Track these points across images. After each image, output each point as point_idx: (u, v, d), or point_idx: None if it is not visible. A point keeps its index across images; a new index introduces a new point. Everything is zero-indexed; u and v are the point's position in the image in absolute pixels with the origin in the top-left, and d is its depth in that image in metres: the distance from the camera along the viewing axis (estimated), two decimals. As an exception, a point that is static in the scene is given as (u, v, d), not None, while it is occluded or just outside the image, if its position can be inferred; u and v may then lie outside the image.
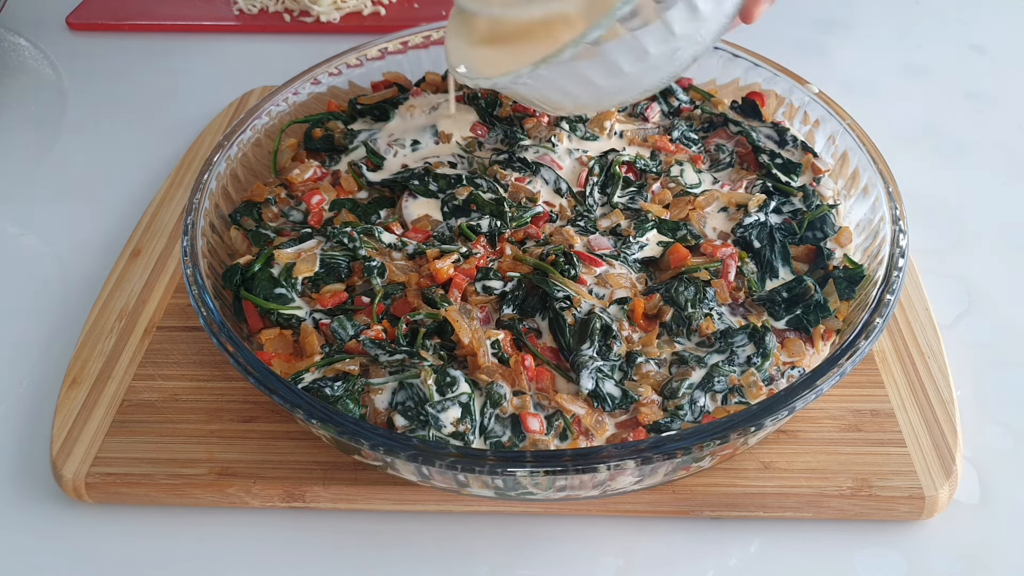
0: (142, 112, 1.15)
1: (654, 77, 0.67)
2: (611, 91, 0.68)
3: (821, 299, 0.71)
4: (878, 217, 0.75)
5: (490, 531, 0.67)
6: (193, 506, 0.68)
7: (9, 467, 0.72)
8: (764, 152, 0.85)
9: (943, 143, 1.05)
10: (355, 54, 0.96)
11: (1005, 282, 0.86)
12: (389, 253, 0.76)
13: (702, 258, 0.75)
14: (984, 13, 1.30)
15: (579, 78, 0.65)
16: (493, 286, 0.71)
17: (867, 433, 0.69)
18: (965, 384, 0.76)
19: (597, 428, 0.64)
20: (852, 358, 0.61)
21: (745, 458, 0.68)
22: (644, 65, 0.64)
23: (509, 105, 0.92)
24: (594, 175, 0.83)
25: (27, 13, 1.36)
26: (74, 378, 0.76)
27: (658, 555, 0.65)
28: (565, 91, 0.68)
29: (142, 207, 0.96)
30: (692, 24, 0.63)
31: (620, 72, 0.64)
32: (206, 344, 0.78)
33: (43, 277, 0.90)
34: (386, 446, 0.57)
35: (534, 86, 0.67)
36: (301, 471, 0.68)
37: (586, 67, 0.64)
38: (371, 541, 0.67)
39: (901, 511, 0.66)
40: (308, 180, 0.85)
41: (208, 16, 1.33)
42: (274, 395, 0.60)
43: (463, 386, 0.64)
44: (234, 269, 0.73)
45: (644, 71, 0.65)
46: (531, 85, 0.66)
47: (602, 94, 0.69)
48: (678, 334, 0.70)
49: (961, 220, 0.93)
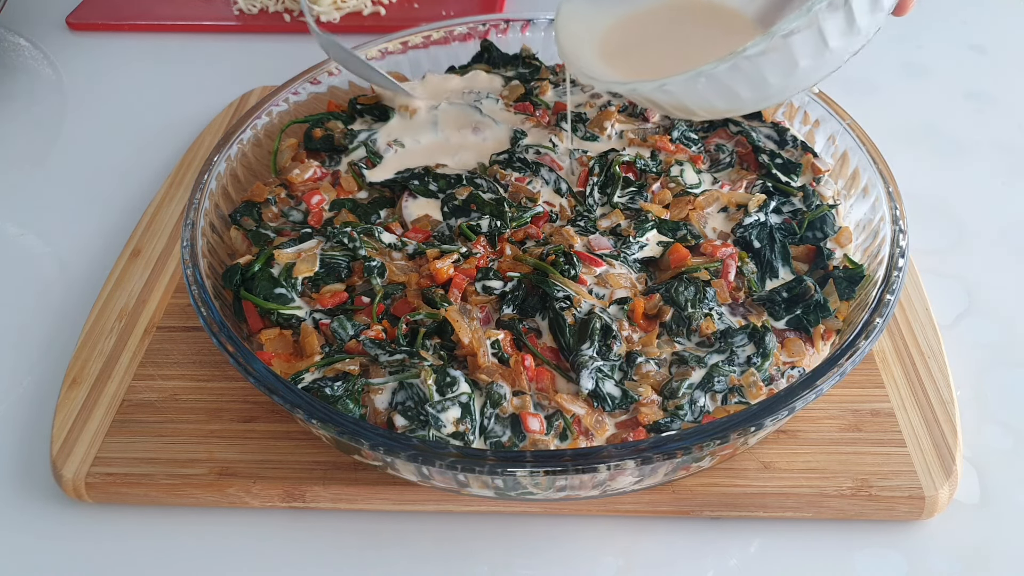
0: (142, 112, 1.15)
1: (818, 74, 0.63)
2: (768, 94, 0.64)
3: (821, 299, 0.71)
4: (878, 217, 0.75)
5: (490, 531, 0.67)
6: (193, 506, 0.68)
7: (9, 467, 0.72)
8: (764, 152, 0.85)
9: (943, 143, 1.05)
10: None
11: (1005, 282, 0.86)
12: (389, 253, 0.76)
13: (702, 258, 0.75)
14: (984, 13, 1.30)
15: (753, 78, 0.61)
16: (493, 286, 0.71)
17: (867, 433, 0.69)
18: (965, 384, 0.76)
19: (597, 428, 0.64)
20: (852, 358, 0.61)
21: (745, 458, 0.68)
22: (819, 60, 0.60)
23: (510, 105, 0.92)
24: (594, 175, 0.83)
25: (27, 13, 1.37)
26: (74, 378, 0.76)
27: (658, 555, 0.65)
28: (718, 96, 0.63)
29: (142, 207, 0.96)
30: (871, 16, 0.59)
31: (796, 69, 0.60)
32: (206, 344, 0.78)
33: (43, 277, 0.90)
34: (386, 446, 0.57)
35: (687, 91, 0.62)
36: (301, 471, 0.68)
37: (767, 64, 0.59)
38: (371, 541, 0.67)
39: (901, 511, 0.66)
40: (308, 180, 0.85)
41: (208, 16, 1.33)
42: (274, 395, 0.60)
43: (463, 386, 0.64)
44: (234, 269, 0.73)
45: (816, 67, 0.61)
46: (687, 89, 0.62)
47: (758, 98, 0.64)
48: (678, 334, 0.70)
49: (961, 220, 0.93)
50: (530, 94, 0.94)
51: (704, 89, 0.62)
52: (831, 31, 0.58)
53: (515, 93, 0.94)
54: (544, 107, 0.92)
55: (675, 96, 0.64)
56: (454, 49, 1.01)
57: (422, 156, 0.87)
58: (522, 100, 0.93)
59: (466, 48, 1.01)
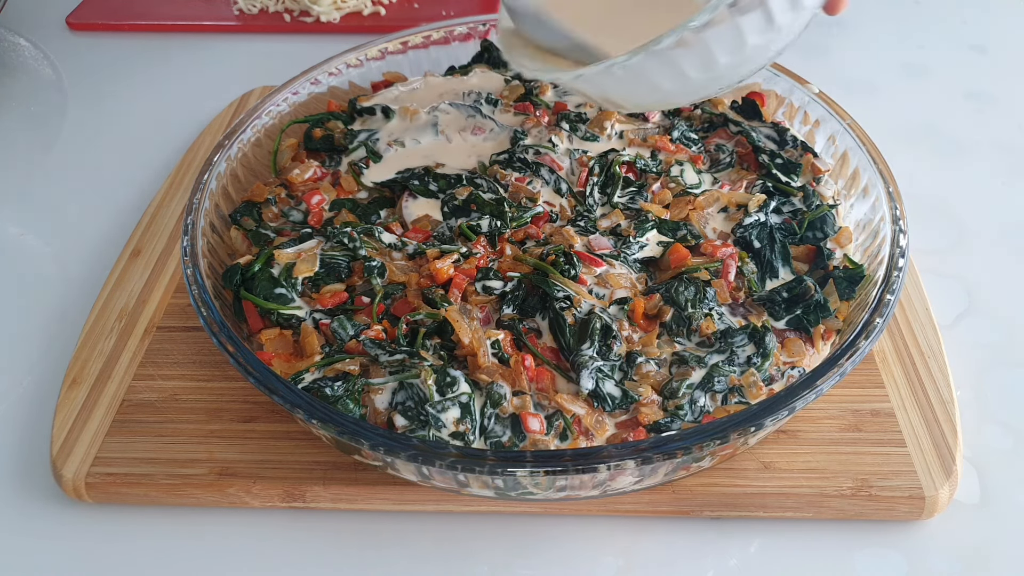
0: (142, 112, 1.15)
1: (742, 71, 0.62)
2: (691, 88, 0.63)
3: (821, 299, 0.71)
4: (878, 217, 0.75)
5: (490, 531, 0.67)
6: (193, 506, 0.68)
7: (9, 467, 0.72)
8: (764, 152, 0.85)
9: (943, 143, 1.05)
10: (355, 54, 0.96)
11: (1005, 282, 0.86)
12: (389, 253, 0.76)
13: (702, 258, 0.75)
14: (984, 13, 1.30)
15: (669, 71, 0.60)
16: (493, 286, 0.71)
17: (867, 433, 0.69)
18: (965, 384, 0.76)
19: (597, 428, 0.64)
20: (852, 358, 0.61)
21: (745, 458, 0.68)
22: (739, 57, 0.60)
23: (510, 105, 0.92)
24: (594, 175, 0.83)
25: (27, 13, 1.36)
26: (74, 378, 0.76)
27: (658, 555, 0.65)
28: (640, 88, 0.63)
29: (142, 207, 0.96)
30: (791, 14, 0.58)
31: (714, 65, 0.59)
32: (206, 344, 0.78)
33: (43, 277, 0.90)
34: (386, 446, 0.57)
35: (607, 81, 0.62)
36: (301, 471, 0.68)
37: (682, 57, 0.58)
38: (371, 541, 0.67)
39: (901, 511, 0.66)
40: (308, 180, 0.85)
41: (208, 16, 1.33)
42: (274, 395, 0.60)
43: (463, 386, 0.64)
44: (234, 269, 0.73)
45: (737, 64, 0.60)
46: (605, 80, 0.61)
47: (681, 91, 0.64)
48: (678, 334, 0.70)
49: (961, 220, 0.93)
50: (530, 94, 0.94)
51: (623, 79, 0.61)
52: (749, 28, 0.57)
53: (515, 93, 0.94)
54: (544, 107, 0.92)
55: (596, 86, 0.63)
56: (454, 49, 1.01)
57: (422, 156, 0.87)
58: (522, 100, 0.93)
59: (466, 48, 1.01)
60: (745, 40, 0.57)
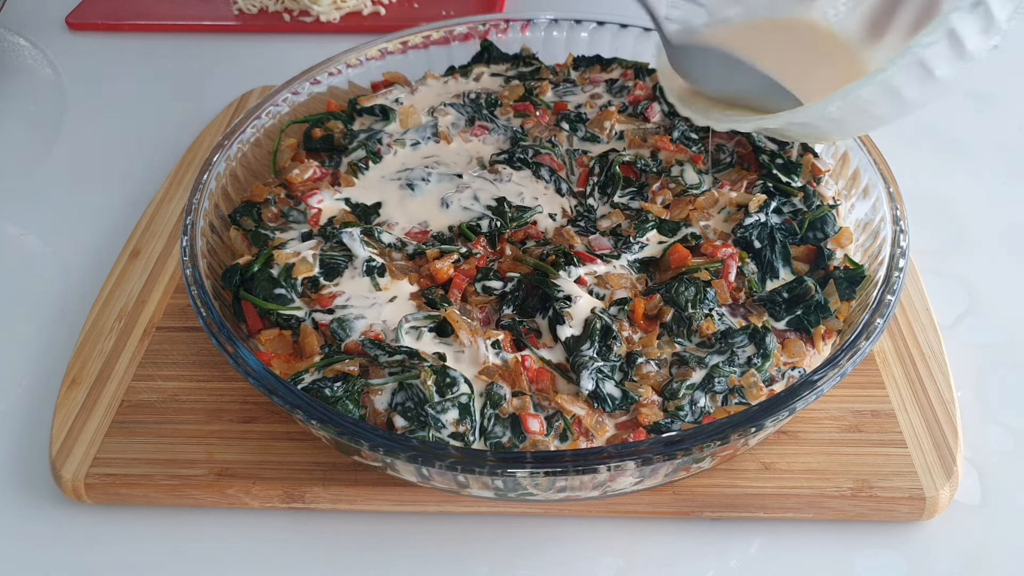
0: (142, 112, 1.15)
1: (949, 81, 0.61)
2: (904, 109, 0.63)
3: (822, 299, 0.71)
4: (879, 217, 0.75)
5: (490, 532, 0.67)
6: (192, 507, 0.68)
7: (9, 467, 0.72)
8: (764, 152, 0.85)
9: (943, 143, 1.05)
10: (355, 54, 0.96)
11: (1005, 282, 0.86)
12: (389, 253, 0.76)
13: (702, 258, 0.75)
14: (984, 13, 1.29)
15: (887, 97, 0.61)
16: (493, 286, 0.71)
17: (868, 434, 0.69)
18: (965, 384, 0.76)
19: (597, 429, 0.64)
20: (853, 358, 0.61)
21: (745, 459, 0.68)
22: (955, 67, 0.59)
23: (510, 105, 0.92)
24: (594, 175, 0.83)
25: (27, 13, 1.37)
26: (74, 378, 0.76)
27: (658, 556, 0.65)
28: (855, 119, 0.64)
29: (142, 207, 0.96)
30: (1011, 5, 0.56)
31: (930, 79, 0.59)
32: (206, 344, 0.78)
33: (43, 277, 0.90)
34: (386, 447, 0.57)
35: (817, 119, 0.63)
36: (301, 472, 0.68)
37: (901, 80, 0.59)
38: (371, 542, 0.67)
39: (902, 512, 0.66)
40: (308, 180, 0.84)
41: (208, 16, 1.33)
42: (274, 396, 0.60)
43: (463, 387, 0.64)
44: (233, 269, 0.73)
45: (952, 76, 0.59)
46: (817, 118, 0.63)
47: (891, 114, 0.65)
48: (678, 334, 0.69)
49: (961, 220, 0.93)
50: (530, 94, 0.94)
51: (837, 113, 0.62)
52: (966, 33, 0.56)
53: (515, 93, 0.93)
54: (544, 107, 0.92)
55: (808, 125, 0.65)
56: (454, 49, 1.01)
57: (422, 157, 0.87)
58: (522, 100, 0.93)
59: (466, 48, 1.01)
60: (964, 47, 0.57)
